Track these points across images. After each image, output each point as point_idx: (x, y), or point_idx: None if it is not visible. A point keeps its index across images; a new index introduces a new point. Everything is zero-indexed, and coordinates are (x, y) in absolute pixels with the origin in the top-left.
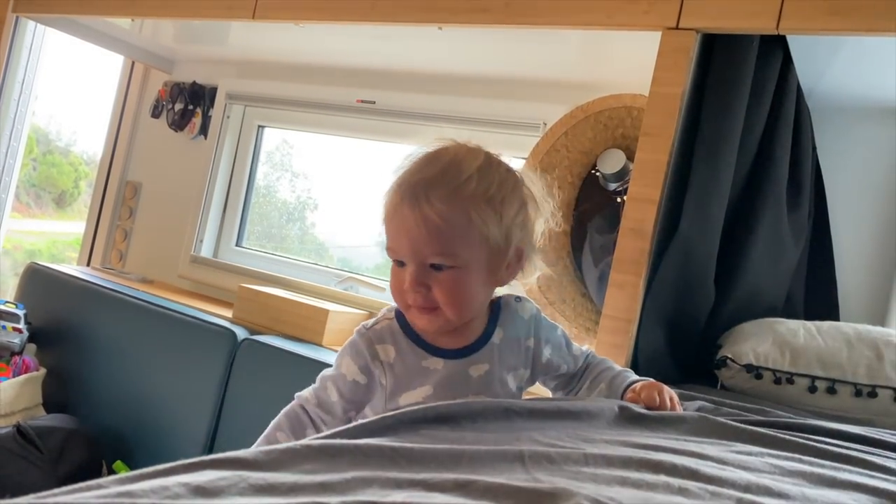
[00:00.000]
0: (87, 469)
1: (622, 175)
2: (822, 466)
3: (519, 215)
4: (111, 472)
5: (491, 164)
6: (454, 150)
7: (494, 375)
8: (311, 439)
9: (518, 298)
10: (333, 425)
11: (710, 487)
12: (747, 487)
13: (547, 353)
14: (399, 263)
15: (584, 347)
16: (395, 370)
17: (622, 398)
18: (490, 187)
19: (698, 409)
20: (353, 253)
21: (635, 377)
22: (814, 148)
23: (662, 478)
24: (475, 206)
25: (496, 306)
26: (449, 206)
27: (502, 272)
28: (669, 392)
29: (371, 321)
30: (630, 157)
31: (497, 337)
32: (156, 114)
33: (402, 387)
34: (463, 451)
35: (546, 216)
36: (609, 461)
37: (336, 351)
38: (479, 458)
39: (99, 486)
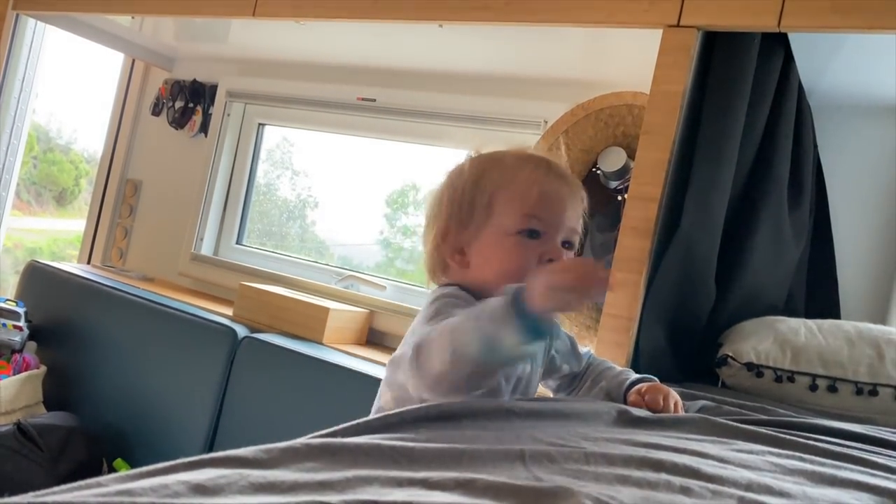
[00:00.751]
0: (88, 467)
1: (623, 173)
2: (824, 465)
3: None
4: (112, 469)
5: None
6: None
7: (533, 369)
8: (310, 437)
9: None
10: None
11: (712, 486)
12: (749, 486)
13: (555, 351)
14: (532, 235)
15: (585, 348)
16: None
17: (625, 399)
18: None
19: (700, 409)
20: (353, 251)
21: (636, 376)
22: (815, 146)
23: (664, 476)
24: (584, 197)
25: None
26: (581, 188)
27: None
28: (674, 396)
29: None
30: (631, 156)
31: None
32: (156, 112)
33: None
34: (463, 449)
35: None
36: (610, 460)
37: (338, 349)
38: (479, 457)
39: (98, 485)
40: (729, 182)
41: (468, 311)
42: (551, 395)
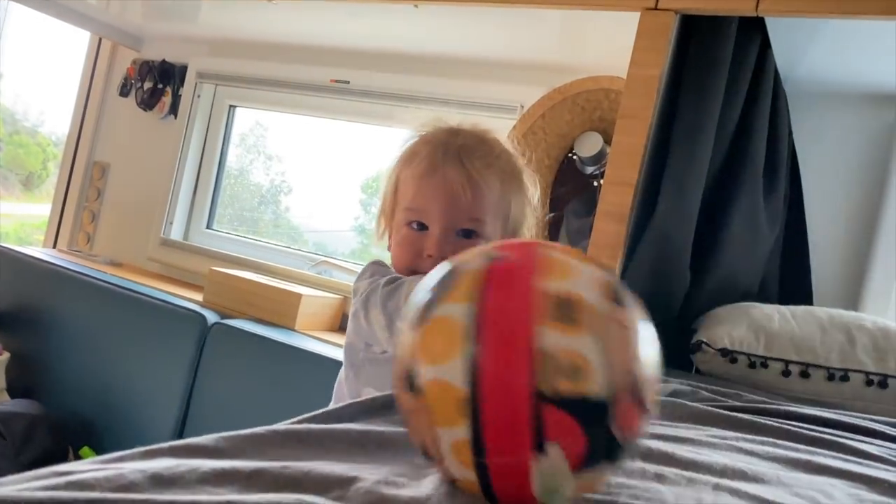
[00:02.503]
0: (53, 455)
1: (599, 158)
2: (798, 451)
3: (531, 202)
4: (78, 457)
5: (511, 149)
6: (473, 126)
7: None
8: (277, 425)
9: None
10: None
11: (687, 473)
12: (723, 472)
13: None
14: (419, 227)
15: None
16: None
17: None
18: (515, 168)
19: (672, 394)
20: (328, 238)
21: None
22: (790, 133)
23: (638, 463)
24: (505, 180)
25: None
26: (489, 173)
27: None
28: None
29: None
30: (607, 141)
31: None
32: (124, 92)
33: None
34: None
35: (537, 208)
36: None
37: (310, 336)
38: None
39: (50, 475)
40: (705, 168)
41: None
42: None
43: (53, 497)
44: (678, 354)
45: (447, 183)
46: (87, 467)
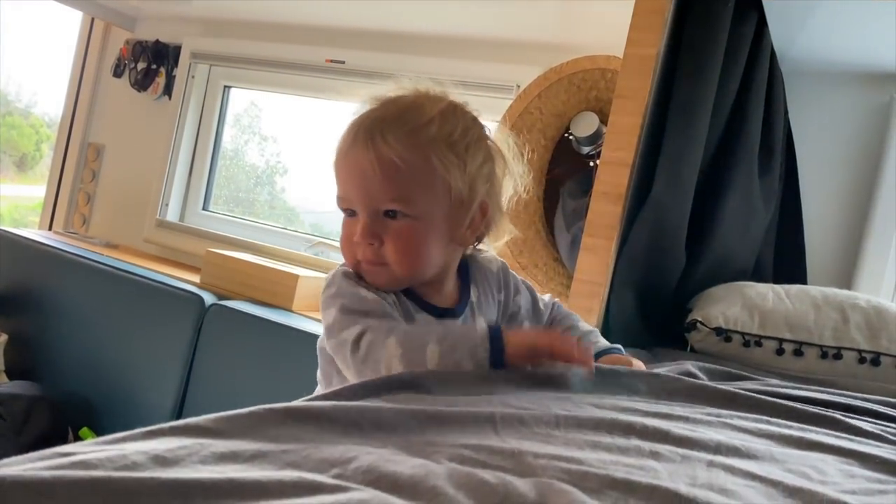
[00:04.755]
0: (52, 437)
1: (595, 138)
2: (791, 428)
3: (484, 167)
4: (77, 438)
5: (455, 110)
6: (415, 93)
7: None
8: (276, 405)
9: (480, 251)
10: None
11: (681, 450)
12: (717, 449)
13: (515, 305)
14: (350, 213)
15: (548, 297)
16: (399, 306)
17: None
18: (453, 132)
19: (681, 374)
20: (324, 218)
21: (602, 346)
22: (786, 112)
23: (634, 441)
24: (436, 150)
25: (464, 266)
26: (407, 146)
27: (464, 230)
28: (638, 365)
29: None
30: (603, 120)
31: (474, 294)
32: (118, 73)
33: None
34: (433, 413)
35: (515, 177)
36: (580, 423)
37: (307, 316)
38: (448, 421)
39: (52, 456)
40: (701, 148)
41: (429, 333)
42: None
43: (58, 476)
44: (673, 334)
45: (357, 164)
46: (91, 448)
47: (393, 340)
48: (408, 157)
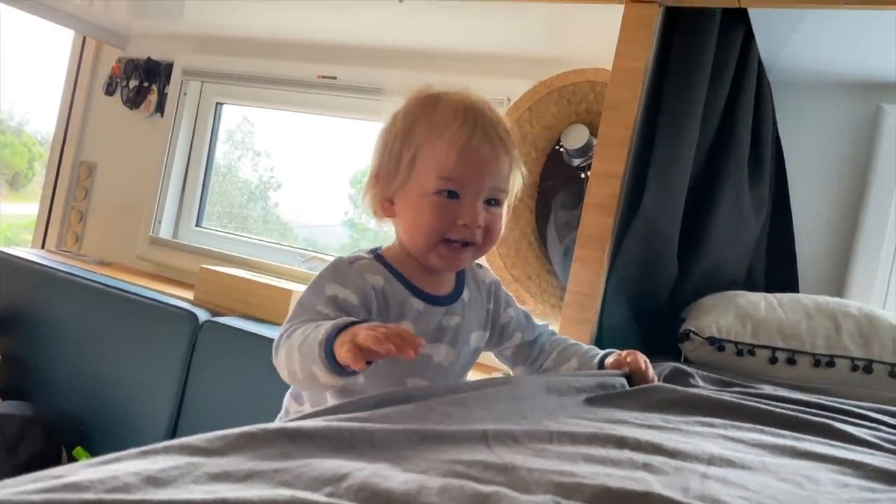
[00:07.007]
0: (46, 457)
1: (586, 150)
2: (783, 437)
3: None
4: (71, 458)
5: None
6: (481, 98)
7: (462, 330)
8: (269, 424)
9: (479, 265)
10: None
11: (674, 462)
12: (711, 460)
13: (506, 317)
14: (450, 195)
15: (542, 323)
16: (385, 297)
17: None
18: (514, 143)
19: (670, 372)
20: (318, 233)
21: (608, 350)
22: (774, 122)
23: (627, 453)
24: (514, 155)
25: (460, 271)
26: (509, 145)
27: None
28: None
29: (347, 257)
30: (593, 133)
31: (466, 295)
32: (110, 91)
33: (392, 314)
34: (427, 431)
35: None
36: (574, 438)
37: None
38: (442, 439)
39: (44, 478)
40: (690, 158)
41: (303, 336)
42: (506, 366)
43: (49, 499)
44: (667, 344)
45: (486, 155)
46: (83, 469)
47: (293, 345)
48: (511, 155)
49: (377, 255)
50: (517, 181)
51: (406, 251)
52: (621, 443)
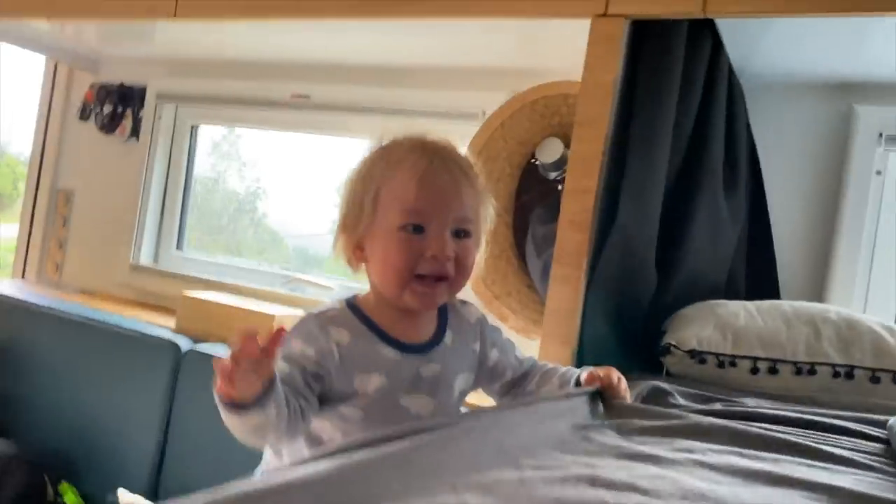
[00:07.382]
0: (30, 494)
1: (561, 164)
2: (761, 459)
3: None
4: (57, 494)
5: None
6: (442, 138)
7: (443, 378)
8: (254, 482)
9: (463, 302)
10: (295, 403)
11: (647, 501)
12: (684, 496)
13: (494, 356)
14: (416, 230)
15: (527, 356)
16: (350, 353)
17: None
18: (480, 176)
19: (648, 393)
20: (309, 242)
21: (583, 368)
22: (748, 127)
23: (601, 492)
24: (480, 187)
25: (443, 309)
26: (473, 177)
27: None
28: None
29: (319, 308)
30: (568, 146)
31: (448, 338)
32: (84, 117)
33: (357, 368)
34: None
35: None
36: (546, 480)
37: None
38: (409, 491)
39: None
40: (664, 171)
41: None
42: (492, 398)
43: None
44: (649, 358)
45: (446, 184)
46: None
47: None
48: (478, 184)
49: (350, 303)
50: (487, 213)
51: (381, 297)
52: (593, 482)
